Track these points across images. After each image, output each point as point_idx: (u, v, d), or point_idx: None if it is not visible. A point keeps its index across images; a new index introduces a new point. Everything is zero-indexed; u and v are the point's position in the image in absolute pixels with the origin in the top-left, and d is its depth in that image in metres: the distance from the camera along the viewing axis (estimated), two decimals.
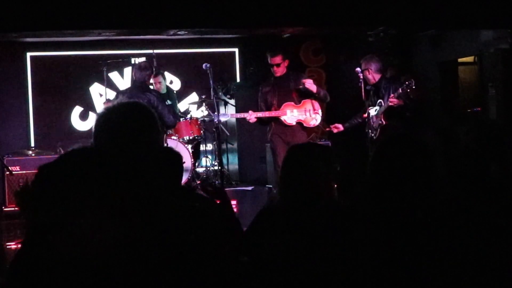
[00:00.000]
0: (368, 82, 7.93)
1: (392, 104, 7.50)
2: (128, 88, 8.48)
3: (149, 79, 8.16)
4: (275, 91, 8.01)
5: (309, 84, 7.84)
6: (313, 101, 8.01)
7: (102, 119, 2.36)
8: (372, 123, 7.95)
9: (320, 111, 8.05)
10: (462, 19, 8.29)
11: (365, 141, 8.06)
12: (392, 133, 7.11)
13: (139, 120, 2.34)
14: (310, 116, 7.99)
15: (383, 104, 7.74)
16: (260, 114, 7.93)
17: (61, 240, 2.07)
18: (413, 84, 7.37)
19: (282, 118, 7.89)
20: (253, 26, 8.41)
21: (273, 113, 7.89)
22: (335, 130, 8.22)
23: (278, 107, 7.93)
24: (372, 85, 7.92)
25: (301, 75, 8.25)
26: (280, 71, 7.97)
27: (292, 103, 7.97)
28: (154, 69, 8.58)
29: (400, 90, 7.45)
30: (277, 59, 7.93)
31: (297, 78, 8.02)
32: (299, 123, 7.97)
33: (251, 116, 7.91)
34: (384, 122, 7.73)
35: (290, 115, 7.93)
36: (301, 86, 7.92)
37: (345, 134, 8.35)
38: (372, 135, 7.94)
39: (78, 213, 2.83)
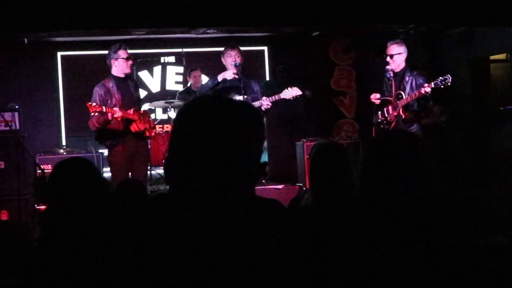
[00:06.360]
0: (392, 69, 7.53)
1: (424, 92, 7.12)
2: None
3: None
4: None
5: None
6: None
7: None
8: (386, 115, 7.68)
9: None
10: (493, 16, 8.20)
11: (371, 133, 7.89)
12: (391, 130, 7.01)
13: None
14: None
15: (403, 96, 7.42)
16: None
17: None
18: (450, 81, 7.08)
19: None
20: (282, 25, 8.41)
21: None
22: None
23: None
24: (394, 74, 7.55)
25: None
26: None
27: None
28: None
29: (432, 85, 7.11)
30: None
31: None
32: None
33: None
34: (403, 116, 7.43)
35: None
36: None
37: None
38: (386, 127, 7.66)
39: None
